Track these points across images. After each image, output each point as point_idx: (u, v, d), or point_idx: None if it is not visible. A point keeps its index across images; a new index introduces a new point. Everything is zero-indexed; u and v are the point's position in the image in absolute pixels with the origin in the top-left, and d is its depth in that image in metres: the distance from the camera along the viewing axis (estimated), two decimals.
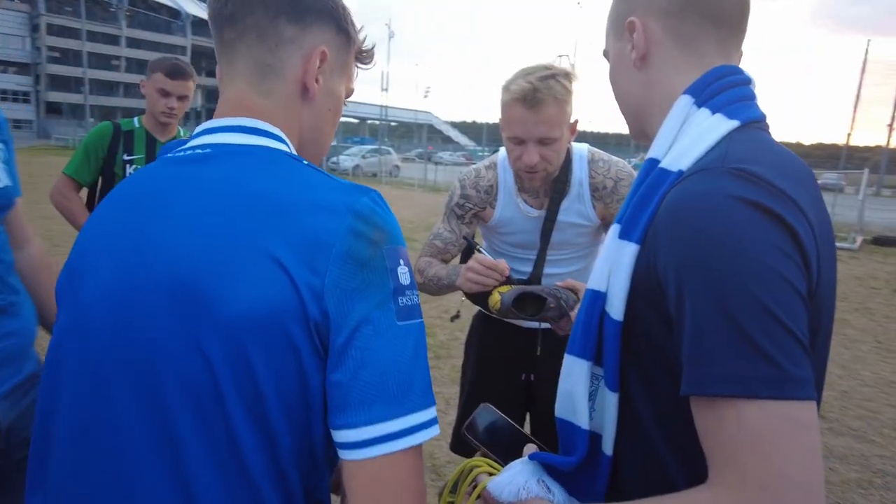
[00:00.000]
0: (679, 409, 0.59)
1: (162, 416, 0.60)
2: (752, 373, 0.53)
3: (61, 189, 2.44)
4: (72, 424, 0.64)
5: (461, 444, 1.81)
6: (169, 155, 0.72)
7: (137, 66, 55.55)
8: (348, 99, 0.84)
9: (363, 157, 25.80)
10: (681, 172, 0.66)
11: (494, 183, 1.67)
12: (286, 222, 0.60)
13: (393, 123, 75.09)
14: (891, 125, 27.59)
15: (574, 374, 0.73)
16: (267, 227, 0.60)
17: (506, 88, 1.48)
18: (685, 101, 0.72)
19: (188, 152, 0.70)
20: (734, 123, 0.68)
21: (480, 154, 35.72)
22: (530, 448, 0.82)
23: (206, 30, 62.20)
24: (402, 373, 0.59)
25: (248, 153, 0.68)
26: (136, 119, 2.50)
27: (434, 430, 0.61)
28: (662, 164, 0.69)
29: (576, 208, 1.62)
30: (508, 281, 1.43)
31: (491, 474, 0.80)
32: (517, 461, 0.79)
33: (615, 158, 1.66)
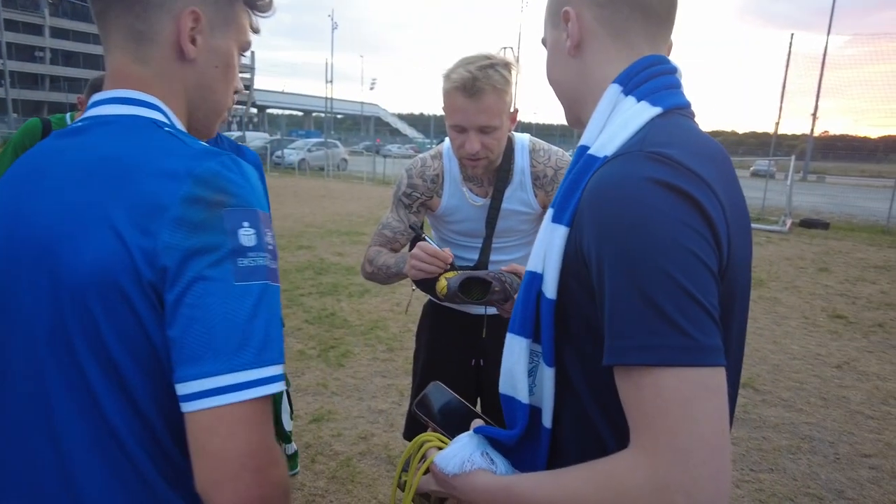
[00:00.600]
0: (610, 381, 0.62)
1: (37, 369, 0.67)
2: (665, 342, 0.56)
3: None
4: None
5: (414, 429, 1.83)
6: (60, 130, 0.76)
7: (64, 57, 52.56)
8: (242, 52, 0.84)
9: (309, 150, 25.23)
10: (605, 158, 0.69)
11: (440, 172, 1.69)
12: (127, 187, 0.64)
13: (339, 116, 73.97)
14: (814, 114, 29.22)
15: (514, 352, 0.76)
16: (110, 193, 0.64)
17: (447, 77, 1.49)
18: (614, 89, 0.75)
19: (79, 124, 0.73)
20: (657, 110, 0.72)
21: (429, 146, 35.66)
22: (478, 423, 0.85)
23: None
24: (235, 329, 0.61)
25: (114, 122, 0.71)
26: (67, 115, 2.38)
27: (272, 388, 0.63)
28: (591, 151, 0.72)
29: (518, 196, 1.65)
30: (453, 267, 1.46)
31: (440, 448, 0.82)
32: (463, 434, 0.81)
33: (555, 148, 1.70)
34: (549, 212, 0.74)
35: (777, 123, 19.88)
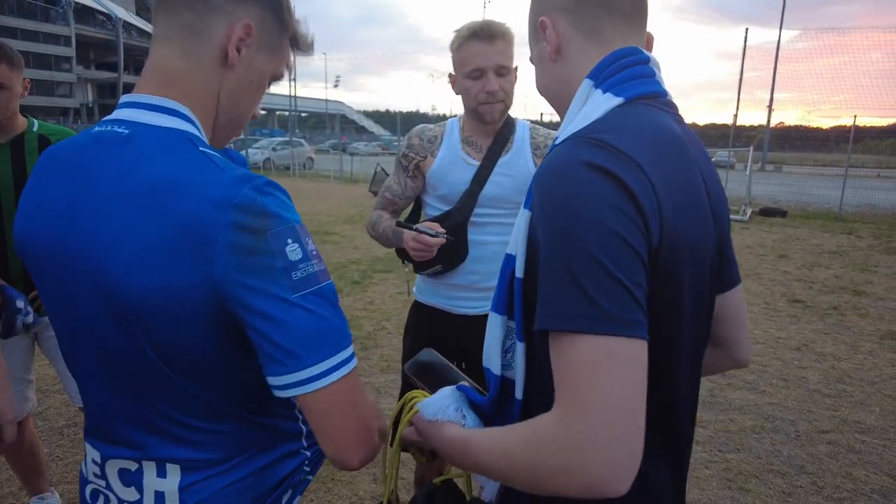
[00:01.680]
0: None
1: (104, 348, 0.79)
2: (579, 311, 0.62)
3: None
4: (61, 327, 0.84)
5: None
6: (96, 129, 0.79)
7: None
8: (274, 81, 0.90)
9: (273, 149, 24.86)
10: (555, 144, 0.76)
11: (440, 134, 1.80)
12: (184, 213, 0.69)
13: (304, 114, 72.98)
14: (770, 106, 30.11)
15: (492, 327, 0.82)
16: (163, 221, 0.69)
17: (458, 32, 1.63)
18: (586, 84, 0.80)
19: (109, 129, 0.77)
20: (619, 100, 0.76)
21: (396, 144, 35.56)
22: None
23: (90, 18, 57.48)
24: (307, 330, 0.71)
25: (155, 136, 0.75)
26: (35, 122, 2.14)
27: (352, 365, 0.75)
28: (556, 142, 0.79)
29: (515, 162, 1.73)
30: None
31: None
32: (447, 387, 0.88)
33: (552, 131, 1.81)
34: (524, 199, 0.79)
35: (735, 115, 20.46)
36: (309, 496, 2.55)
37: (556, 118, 0.95)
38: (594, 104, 0.77)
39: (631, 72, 0.79)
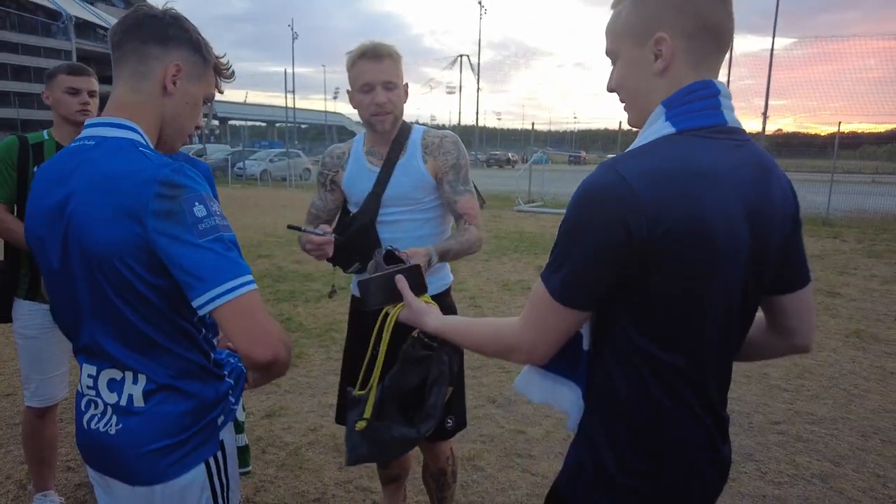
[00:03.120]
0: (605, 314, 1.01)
1: (73, 296, 1.11)
2: (548, 272, 0.96)
3: None
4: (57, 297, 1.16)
5: (342, 417, 2.11)
6: (73, 145, 1.12)
7: (14, 71, 50.98)
8: (207, 101, 1.24)
9: (270, 161, 25.07)
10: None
11: (347, 150, 2.05)
12: (123, 193, 1.02)
13: (303, 126, 73.38)
14: (765, 113, 30.39)
15: None
16: (113, 196, 1.02)
17: (350, 53, 1.86)
18: (659, 109, 0.95)
19: (82, 143, 1.10)
20: (671, 130, 0.92)
21: None
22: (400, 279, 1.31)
23: (91, 33, 58.04)
24: (213, 263, 0.99)
25: (111, 143, 1.08)
26: (45, 132, 2.37)
27: (252, 286, 1.02)
28: None
29: (411, 164, 1.93)
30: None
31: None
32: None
33: (444, 131, 2.03)
34: None
35: None
36: (277, 482, 2.70)
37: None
38: (654, 129, 0.94)
39: (698, 105, 0.92)
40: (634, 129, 1.04)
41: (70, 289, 1.10)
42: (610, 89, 1.06)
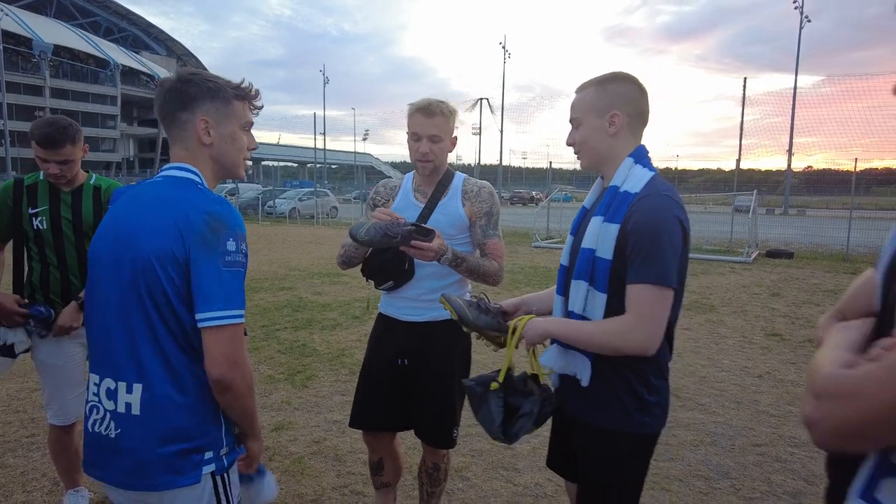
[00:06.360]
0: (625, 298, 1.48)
1: (123, 303, 1.31)
2: (649, 273, 1.43)
3: None
4: (93, 302, 1.39)
5: (354, 423, 2.38)
6: (145, 181, 1.43)
7: (64, 115, 53.91)
8: (247, 128, 1.47)
9: (300, 199, 25.96)
10: (636, 193, 1.49)
11: (398, 185, 2.42)
12: (177, 215, 1.27)
13: (333, 166, 75.38)
14: (790, 150, 30.08)
15: (577, 289, 1.56)
16: (168, 214, 1.28)
17: (411, 105, 2.23)
18: (629, 160, 1.56)
19: (153, 179, 1.41)
20: (653, 173, 1.54)
21: None
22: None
23: (135, 79, 61.15)
24: (222, 290, 1.26)
25: (173, 179, 1.37)
26: (40, 173, 2.48)
27: (239, 320, 1.27)
28: (621, 189, 1.52)
29: (450, 205, 2.27)
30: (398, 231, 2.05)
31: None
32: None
33: (483, 182, 2.36)
34: (598, 217, 1.53)
35: (738, 160, 20.90)
36: (280, 486, 2.95)
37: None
38: (640, 173, 1.52)
39: (648, 159, 1.57)
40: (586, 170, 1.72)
41: (104, 291, 1.31)
42: (569, 144, 1.66)
